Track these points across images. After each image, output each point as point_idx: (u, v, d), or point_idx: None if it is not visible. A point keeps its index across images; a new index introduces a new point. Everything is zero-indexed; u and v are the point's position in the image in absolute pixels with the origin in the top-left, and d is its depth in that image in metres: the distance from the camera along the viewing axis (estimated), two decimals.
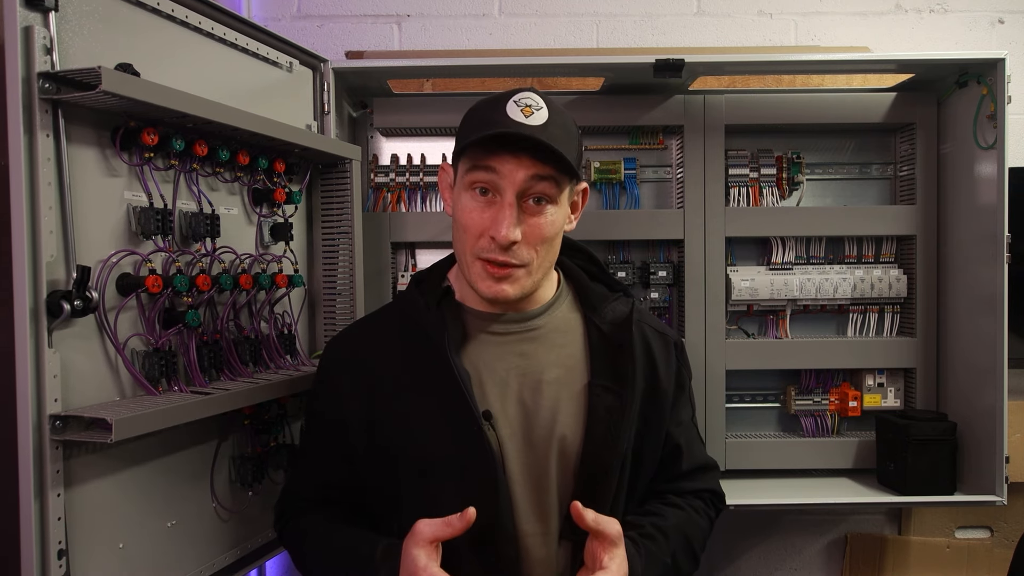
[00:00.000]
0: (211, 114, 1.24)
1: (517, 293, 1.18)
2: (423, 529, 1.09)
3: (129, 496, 1.24)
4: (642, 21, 2.22)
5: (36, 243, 1.05)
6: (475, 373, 1.21)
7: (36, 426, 1.05)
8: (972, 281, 1.82)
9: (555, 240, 1.20)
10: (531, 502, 1.18)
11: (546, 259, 1.20)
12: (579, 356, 1.25)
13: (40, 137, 1.05)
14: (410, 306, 1.28)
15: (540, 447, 1.19)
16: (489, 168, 1.13)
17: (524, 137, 1.10)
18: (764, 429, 2.08)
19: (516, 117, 1.12)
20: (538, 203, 1.15)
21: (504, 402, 1.20)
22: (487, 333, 1.25)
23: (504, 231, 1.12)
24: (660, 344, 1.30)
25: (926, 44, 2.19)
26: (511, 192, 1.13)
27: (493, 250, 1.14)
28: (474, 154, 1.14)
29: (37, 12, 1.05)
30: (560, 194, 1.17)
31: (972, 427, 1.82)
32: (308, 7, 2.21)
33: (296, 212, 1.61)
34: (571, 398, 1.22)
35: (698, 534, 1.28)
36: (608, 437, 1.18)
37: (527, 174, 1.12)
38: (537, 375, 1.22)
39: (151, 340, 1.25)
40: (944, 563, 2.19)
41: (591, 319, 1.27)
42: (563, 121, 1.16)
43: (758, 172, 1.98)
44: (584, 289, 1.30)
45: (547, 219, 1.16)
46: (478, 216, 1.15)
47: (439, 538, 1.09)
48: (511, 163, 1.12)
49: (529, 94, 1.15)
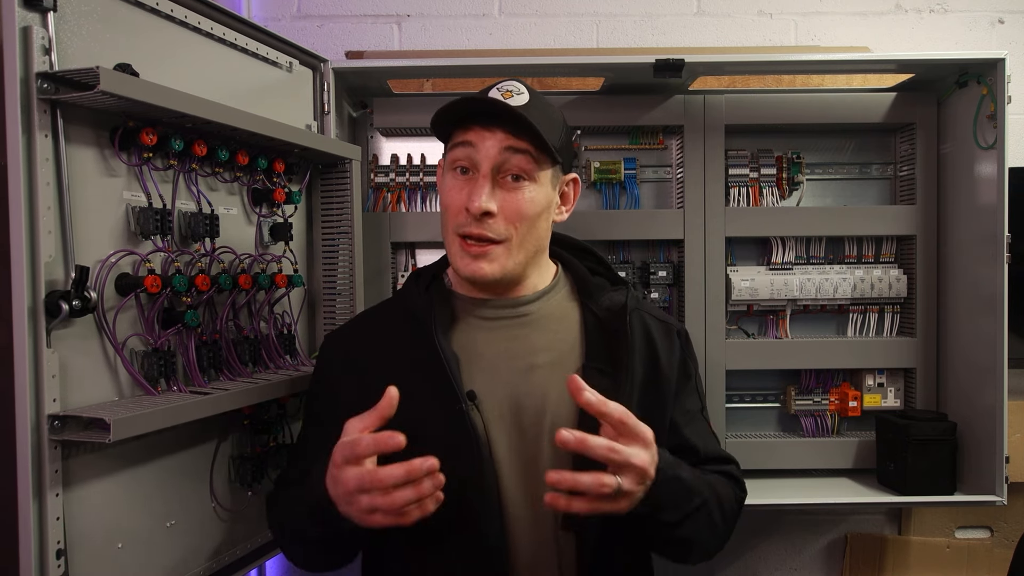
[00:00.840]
0: (210, 114, 1.24)
1: (496, 272, 1.19)
2: (348, 426, 1.06)
3: (128, 496, 1.24)
4: (642, 21, 2.22)
5: (35, 243, 1.05)
6: (464, 356, 1.21)
7: (35, 426, 1.05)
8: (972, 281, 1.82)
9: (537, 221, 1.21)
10: (519, 485, 1.18)
11: (527, 239, 1.20)
12: (573, 342, 1.25)
13: (39, 137, 1.05)
14: (404, 294, 1.31)
15: (530, 430, 1.19)
16: (466, 143, 1.17)
17: (497, 106, 1.14)
18: (764, 429, 2.08)
19: (495, 97, 1.16)
20: (516, 180, 1.18)
21: (491, 384, 1.20)
22: (477, 318, 1.26)
23: (477, 201, 1.14)
24: (662, 332, 1.30)
25: (926, 44, 2.19)
26: (486, 164, 1.16)
27: (469, 223, 1.17)
28: (454, 132, 1.19)
29: (35, 12, 1.05)
30: (538, 172, 1.19)
31: (972, 427, 1.82)
32: (308, 7, 2.21)
33: (296, 212, 1.61)
34: (563, 381, 1.20)
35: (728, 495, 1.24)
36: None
37: (500, 146, 1.15)
38: (527, 359, 1.23)
39: (150, 340, 1.25)
40: (944, 563, 2.19)
41: (587, 307, 1.28)
42: (544, 108, 1.19)
43: (758, 172, 1.98)
44: (582, 279, 1.31)
45: (524, 195, 1.18)
46: (456, 193, 1.19)
47: (367, 428, 1.04)
48: (486, 136, 1.16)
49: (513, 82, 1.19)
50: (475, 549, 1.16)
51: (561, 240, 1.37)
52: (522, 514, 1.18)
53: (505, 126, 1.15)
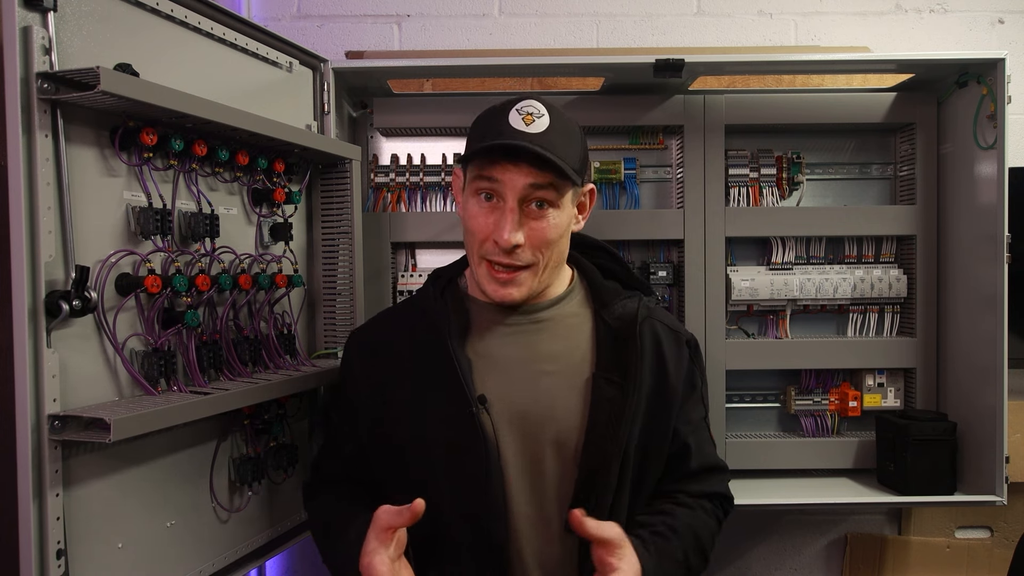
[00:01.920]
0: (209, 114, 1.24)
1: (523, 296, 1.23)
2: (380, 516, 1.12)
3: (128, 496, 1.24)
4: (642, 21, 2.22)
5: (35, 243, 1.05)
6: (476, 360, 1.24)
7: (35, 426, 1.05)
8: (972, 281, 1.82)
9: (559, 242, 1.24)
10: (526, 486, 1.21)
11: (551, 260, 1.24)
12: (585, 349, 1.28)
13: (39, 137, 1.05)
14: (422, 297, 1.35)
15: (535, 434, 1.22)
16: (491, 178, 1.18)
17: (522, 148, 1.15)
18: (764, 429, 2.08)
19: (517, 126, 1.17)
20: (540, 207, 1.20)
21: (503, 389, 1.23)
22: (493, 323, 1.29)
23: (506, 235, 1.17)
24: (672, 341, 1.31)
25: (926, 44, 2.19)
26: (512, 198, 1.18)
27: (497, 252, 1.20)
28: (478, 163, 1.20)
29: (36, 12, 1.05)
30: (561, 198, 1.21)
31: (972, 427, 1.82)
32: (308, 7, 2.21)
33: (296, 212, 1.61)
34: (573, 389, 1.24)
35: (707, 534, 1.28)
36: (609, 428, 1.20)
37: (526, 182, 1.17)
38: (539, 365, 1.26)
39: (150, 340, 1.25)
40: (944, 563, 2.19)
41: (600, 315, 1.30)
42: (564, 127, 1.21)
43: (758, 172, 1.98)
44: (596, 286, 1.34)
45: (549, 223, 1.20)
46: (483, 220, 1.21)
47: (393, 526, 1.11)
48: (511, 172, 1.17)
49: (531, 102, 1.20)
50: (481, 547, 1.18)
51: (576, 239, 1.37)
52: (528, 513, 1.21)
53: (530, 162, 1.17)
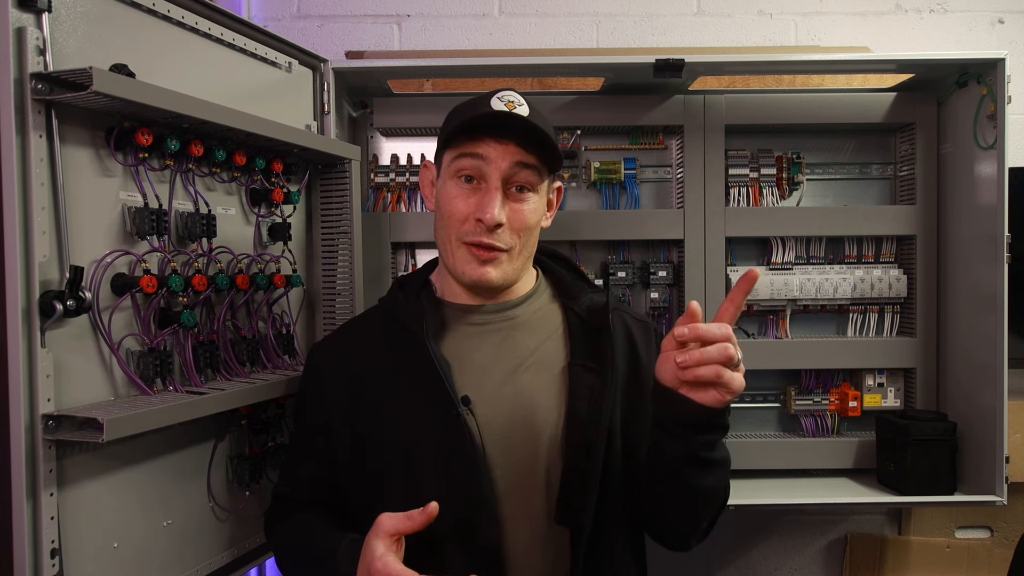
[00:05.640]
0: (204, 114, 1.24)
1: (499, 278, 1.22)
2: (384, 521, 1.10)
3: (124, 495, 1.24)
4: (642, 21, 2.22)
5: (29, 243, 1.05)
6: (454, 361, 1.23)
7: (29, 426, 1.05)
8: (972, 281, 1.82)
9: (535, 230, 1.26)
10: (514, 485, 1.20)
11: (526, 247, 1.25)
12: (558, 340, 1.28)
13: (33, 138, 1.05)
14: (391, 302, 1.32)
15: (522, 430, 1.21)
16: (475, 155, 1.18)
17: (511, 117, 1.16)
18: (764, 429, 2.07)
19: (500, 109, 1.18)
20: (520, 191, 1.21)
21: (484, 388, 1.22)
22: (466, 324, 1.28)
23: (491, 212, 1.17)
24: (640, 330, 1.33)
25: (926, 44, 2.19)
26: (496, 177, 1.18)
27: (479, 232, 1.19)
28: (460, 143, 1.19)
29: (30, 13, 1.05)
30: (540, 184, 1.23)
31: (972, 427, 1.81)
32: (308, 7, 2.21)
33: (295, 212, 1.61)
34: (552, 379, 1.24)
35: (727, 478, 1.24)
36: (590, 413, 1.19)
37: (512, 160, 1.18)
38: (516, 360, 1.25)
39: (146, 340, 1.25)
40: (944, 563, 2.18)
41: (570, 307, 1.31)
42: (543, 118, 1.22)
43: (758, 172, 1.97)
44: (563, 283, 1.35)
45: (529, 206, 1.22)
46: (463, 202, 1.20)
47: (400, 531, 1.09)
48: (497, 148, 1.18)
49: (510, 92, 1.22)
50: (469, 548, 1.17)
51: (542, 249, 1.39)
52: (516, 513, 1.20)
53: (516, 140, 1.17)
